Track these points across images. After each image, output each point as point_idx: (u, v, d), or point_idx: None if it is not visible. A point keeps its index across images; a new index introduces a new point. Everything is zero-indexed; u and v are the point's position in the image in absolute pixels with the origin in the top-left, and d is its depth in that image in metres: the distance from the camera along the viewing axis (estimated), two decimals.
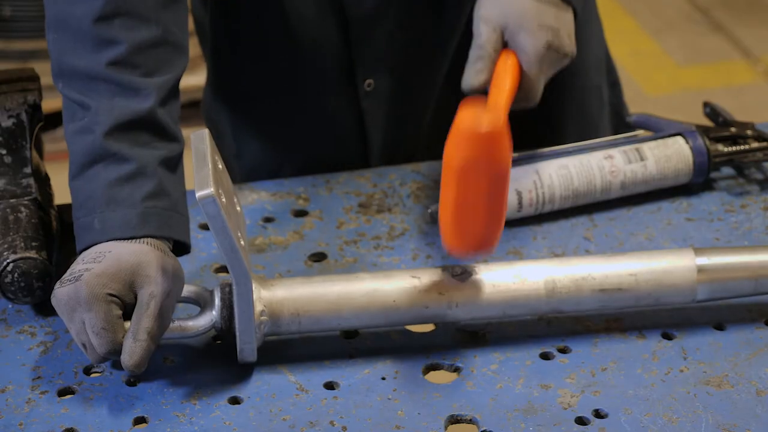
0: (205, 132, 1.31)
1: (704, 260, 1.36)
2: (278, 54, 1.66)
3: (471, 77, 1.42)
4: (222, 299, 1.31)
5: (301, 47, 1.64)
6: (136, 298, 1.29)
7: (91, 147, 1.33)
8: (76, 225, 1.34)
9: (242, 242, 1.30)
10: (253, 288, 1.29)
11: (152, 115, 1.35)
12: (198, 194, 1.22)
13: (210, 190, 1.22)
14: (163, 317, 1.28)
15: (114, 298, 1.27)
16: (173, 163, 1.37)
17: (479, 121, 1.25)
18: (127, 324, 1.28)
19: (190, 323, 1.31)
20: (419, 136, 1.75)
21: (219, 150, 1.76)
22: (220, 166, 1.32)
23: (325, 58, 1.65)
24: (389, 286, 1.33)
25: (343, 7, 1.61)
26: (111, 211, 1.32)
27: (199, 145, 1.29)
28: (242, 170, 1.76)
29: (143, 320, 1.26)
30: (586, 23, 1.75)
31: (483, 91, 1.41)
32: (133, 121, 1.34)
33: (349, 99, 1.68)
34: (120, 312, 1.28)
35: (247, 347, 1.30)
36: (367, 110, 1.69)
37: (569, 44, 1.46)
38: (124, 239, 1.31)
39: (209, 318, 1.31)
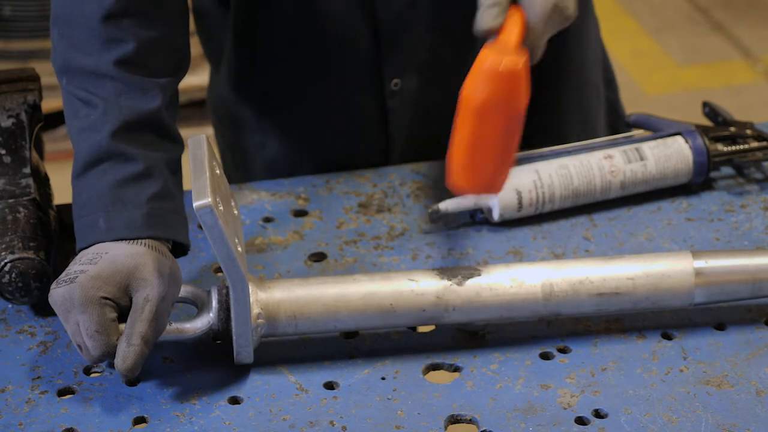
0: (202, 137, 1.30)
1: (702, 263, 1.36)
2: (306, 51, 1.65)
3: (488, 20, 1.40)
4: (219, 301, 1.31)
5: (330, 46, 1.64)
6: (131, 300, 1.28)
7: (98, 146, 1.33)
8: (77, 223, 1.34)
9: (239, 248, 1.30)
10: (250, 290, 1.29)
11: (158, 116, 1.35)
12: (195, 204, 1.22)
13: (207, 200, 1.22)
14: (158, 321, 1.27)
15: (108, 301, 1.27)
16: (175, 165, 1.37)
17: (500, 60, 1.29)
18: (122, 326, 1.28)
19: (187, 326, 1.31)
20: (442, 137, 1.75)
21: (241, 142, 1.74)
22: (218, 171, 1.32)
23: (354, 57, 1.65)
24: (386, 289, 1.33)
25: (374, 8, 1.61)
26: (116, 210, 1.31)
27: (196, 151, 1.29)
28: (264, 162, 1.75)
29: (137, 324, 1.26)
30: (584, 22, 1.75)
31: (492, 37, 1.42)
32: (141, 121, 1.34)
33: (374, 98, 1.68)
34: (114, 315, 1.27)
35: (243, 350, 1.30)
36: (392, 109, 1.69)
37: (572, 7, 1.46)
38: (127, 240, 1.31)
39: (206, 320, 1.31)
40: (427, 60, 1.67)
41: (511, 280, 1.35)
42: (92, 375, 1.32)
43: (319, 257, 1.50)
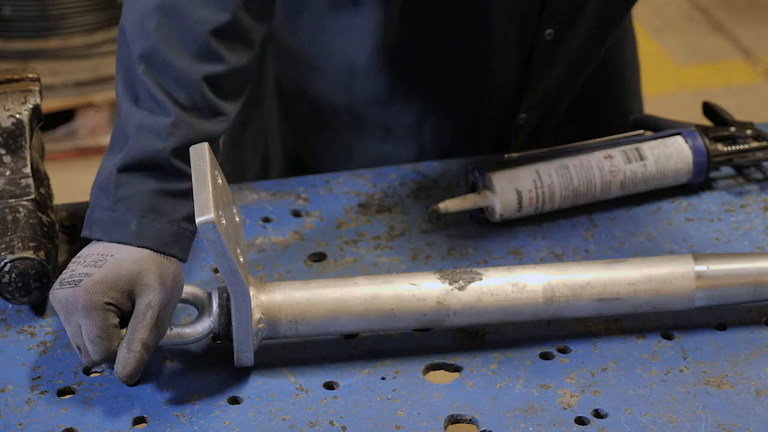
0: (204, 145, 1.28)
1: (703, 268, 1.36)
2: (462, 67, 1.68)
3: None
4: (220, 305, 1.31)
5: (489, 55, 1.66)
6: (133, 304, 1.28)
7: (158, 154, 1.32)
8: (105, 213, 1.32)
9: (241, 258, 1.29)
10: (251, 294, 1.29)
11: (216, 141, 1.35)
12: (198, 220, 1.21)
13: (210, 216, 1.21)
14: (159, 327, 1.27)
15: (111, 307, 1.27)
16: None
17: None
18: (123, 331, 1.28)
19: (188, 330, 1.31)
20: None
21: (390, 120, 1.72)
22: (220, 181, 1.30)
23: (507, 75, 1.69)
24: (387, 294, 1.33)
25: (539, 25, 1.64)
26: (151, 218, 1.30)
27: (198, 162, 1.27)
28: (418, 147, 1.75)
29: (138, 331, 1.26)
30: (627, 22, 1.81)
31: None
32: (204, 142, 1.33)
33: (510, 117, 1.73)
34: (117, 321, 1.27)
35: (244, 355, 1.30)
36: (520, 127, 1.73)
37: None
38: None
39: (207, 324, 1.31)
40: (556, 88, 1.71)
41: (513, 284, 1.34)
42: (92, 375, 1.32)
43: (319, 257, 1.50)
